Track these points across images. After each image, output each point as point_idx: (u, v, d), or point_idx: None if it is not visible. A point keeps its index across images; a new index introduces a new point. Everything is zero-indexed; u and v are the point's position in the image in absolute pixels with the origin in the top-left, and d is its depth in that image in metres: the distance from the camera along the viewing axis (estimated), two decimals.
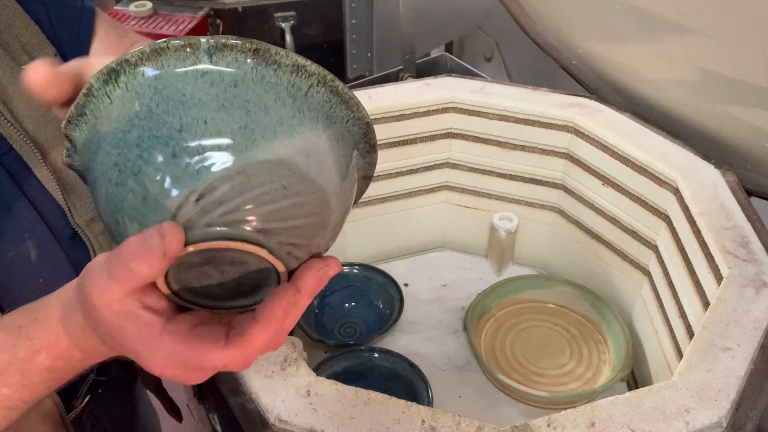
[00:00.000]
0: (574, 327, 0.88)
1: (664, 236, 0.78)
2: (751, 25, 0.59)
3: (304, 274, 0.36)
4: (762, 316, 0.59)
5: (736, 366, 0.55)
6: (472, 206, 0.99)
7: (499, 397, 0.80)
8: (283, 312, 0.35)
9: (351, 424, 0.52)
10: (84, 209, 0.62)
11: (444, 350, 0.86)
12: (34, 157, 0.58)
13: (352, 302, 0.92)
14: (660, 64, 0.77)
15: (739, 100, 0.71)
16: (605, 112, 0.86)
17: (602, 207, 0.87)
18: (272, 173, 0.33)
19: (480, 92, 0.90)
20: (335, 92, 0.36)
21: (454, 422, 0.52)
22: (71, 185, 0.62)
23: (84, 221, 0.62)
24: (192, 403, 0.72)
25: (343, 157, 0.37)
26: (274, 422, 0.52)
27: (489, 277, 0.98)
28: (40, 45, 0.61)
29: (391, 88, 0.91)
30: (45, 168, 0.59)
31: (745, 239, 0.66)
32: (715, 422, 0.51)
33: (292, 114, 0.34)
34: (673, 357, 0.73)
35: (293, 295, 0.36)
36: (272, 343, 0.36)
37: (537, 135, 0.89)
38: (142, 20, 1.30)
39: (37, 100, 0.37)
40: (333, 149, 0.36)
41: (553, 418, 0.52)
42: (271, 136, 0.33)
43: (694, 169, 0.76)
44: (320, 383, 0.55)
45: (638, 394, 0.53)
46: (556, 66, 1.00)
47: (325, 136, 0.36)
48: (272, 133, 0.33)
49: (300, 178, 0.34)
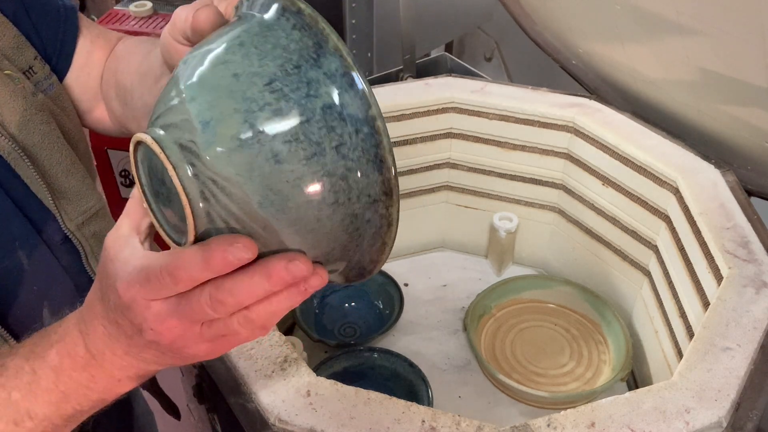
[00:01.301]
0: (574, 327, 0.88)
1: (664, 236, 0.78)
2: (751, 25, 0.59)
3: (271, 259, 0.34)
4: (762, 316, 0.59)
5: (736, 366, 0.55)
6: (472, 206, 0.99)
7: (499, 397, 0.81)
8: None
9: (351, 424, 0.52)
10: (74, 213, 0.62)
11: (444, 350, 0.86)
12: (22, 163, 0.57)
13: (352, 302, 0.92)
14: (660, 64, 0.77)
15: (739, 100, 0.71)
16: (605, 112, 0.86)
17: (602, 207, 0.87)
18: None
19: (480, 92, 0.90)
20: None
21: (454, 422, 0.52)
22: (61, 189, 0.61)
23: (75, 225, 0.61)
24: (192, 403, 0.72)
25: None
26: (274, 422, 0.52)
27: (489, 277, 0.98)
28: (19, 48, 0.60)
29: (391, 88, 0.91)
30: (34, 173, 0.58)
31: (745, 239, 0.66)
32: (715, 422, 0.51)
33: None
34: (673, 357, 0.73)
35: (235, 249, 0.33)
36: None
37: (537, 135, 0.89)
38: (142, 20, 1.30)
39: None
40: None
41: (553, 418, 0.52)
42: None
43: (694, 169, 0.76)
44: (320, 383, 0.55)
45: (638, 394, 0.53)
46: (556, 66, 1.00)
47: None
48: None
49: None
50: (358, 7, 1.38)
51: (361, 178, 0.34)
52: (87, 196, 0.63)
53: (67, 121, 0.64)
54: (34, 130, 0.59)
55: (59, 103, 0.64)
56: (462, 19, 1.57)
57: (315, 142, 0.33)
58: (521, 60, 1.61)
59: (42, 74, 0.62)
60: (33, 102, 0.59)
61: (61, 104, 0.64)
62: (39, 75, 0.61)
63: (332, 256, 0.37)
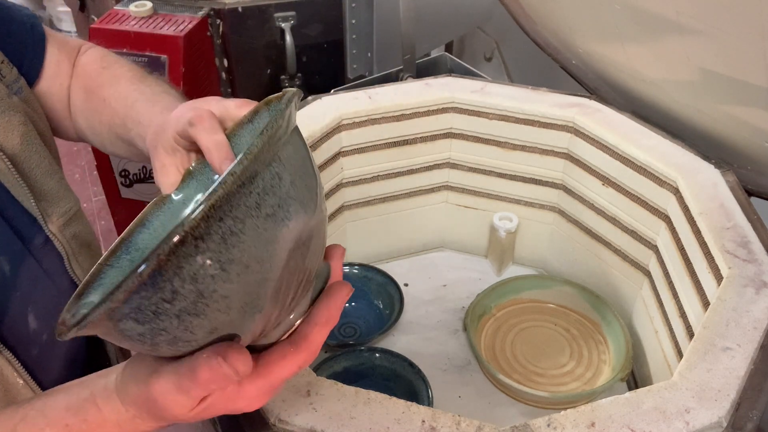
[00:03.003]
0: (574, 327, 0.88)
1: (664, 236, 0.78)
2: (751, 25, 0.59)
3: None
4: (762, 316, 0.59)
5: (736, 366, 0.55)
6: (472, 206, 0.99)
7: (499, 397, 0.80)
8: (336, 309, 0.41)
9: (351, 424, 0.52)
10: (55, 215, 0.61)
11: (444, 350, 0.86)
12: (3, 165, 0.56)
13: (352, 302, 0.92)
14: (660, 64, 0.77)
15: (739, 100, 0.71)
16: (605, 112, 0.86)
17: (602, 207, 0.87)
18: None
19: (480, 92, 0.90)
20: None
21: (454, 422, 0.52)
22: (42, 192, 0.60)
23: (56, 227, 0.61)
24: None
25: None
26: (274, 422, 0.52)
27: (489, 277, 0.98)
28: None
29: (391, 88, 0.91)
30: (16, 175, 0.57)
31: (745, 239, 0.66)
32: (715, 422, 0.51)
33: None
34: (673, 357, 0.73)
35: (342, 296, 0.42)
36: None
37: (537, 135, 0.89)
38: (142, 20, 1.30)
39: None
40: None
41: (553, 418, 0.52)
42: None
43: (694, 169, 0.76)
44: (320, 383, 0.55)
45: (638, 394, 0.53)
46: (556, 66, 1.00)
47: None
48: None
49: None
50: (358, 7, 1.38)
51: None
52: (66, 197, 0.63)
53: (40, 123, 0.64)
54: (13, 131, 0.58)
55: (31, 105, 0.63)
56: (462, 19, 1.57)
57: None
58: (521, 60, 1.61)
59: (11, 77, 0.61)
60: (9, 104, 0.59)
61: (33, 106, 0.64)
62: (8, 78, 0.61)
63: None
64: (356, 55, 1.44)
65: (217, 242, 0.32)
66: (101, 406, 0.42)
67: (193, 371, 0.37)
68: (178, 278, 0.32)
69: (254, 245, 0.34)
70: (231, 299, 0.34)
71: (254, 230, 0.34)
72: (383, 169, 0.93)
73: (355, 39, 1.42)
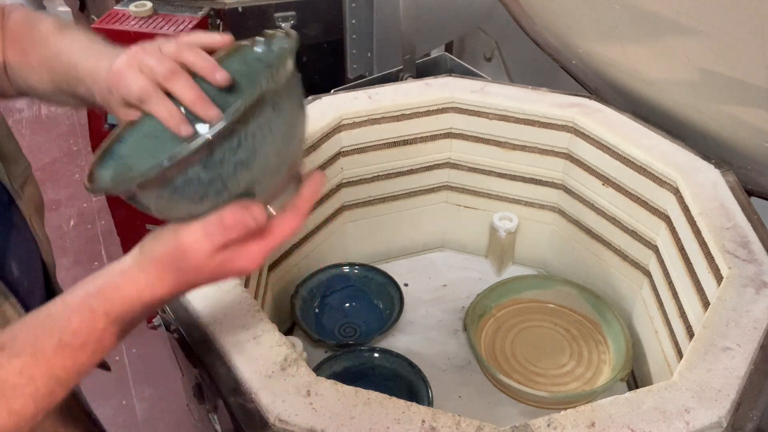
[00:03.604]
0: (574, 327, 0.88)
1: (664, 236, 0.78)
2: (751, 25, 0.59)
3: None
4: (762, 316, 0.59)
5: (736, 366, 0.55)
6: (472, 206, 0.99)
7: (499, 397, 0.80)
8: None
9: (351, 424, 0.52)
10: (16, 174, 0.63)
11: (444, 350, 0.86)
12: None
13: (352, 302, 0.92)
14: (660, 64, 0.77)
15: (739, 100, 0.71)
16: (605, 112, 0.86)
17: (602, 207, 0.87)
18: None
19: (480, 92, 0.90)
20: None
21: (454, 422, 0.52)
22: (3, 152, 0.62)
23: (18, 185, 0.63)
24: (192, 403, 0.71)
25: None
26: (274, 422, 0.52)
27: (489, 277, 0.98)
28: None
29: (391, 88, 0.91)
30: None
31: (745, 239, 0.66)
32: (715, 422, 0.51)
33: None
34: (673, 357, 0.73)
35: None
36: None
37: (537, 135, 0.89)
38: (142, 20, 1.29)
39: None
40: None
41: (553, 418, 0.52)
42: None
43: (694, 169, 0.76)
44: (320, 383, 0.55)
45: (638, 394, 0.53)
46: (556, 66, 1.00)
47: None
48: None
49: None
50: (358, 7, 1.38)
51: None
52: (22, 158, 0.66)
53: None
54: None
55: None
56: (462, 19, 1.57)
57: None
58: (521, 60, 1.61)
59: None
60: None
61: None
62: None
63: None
64: (356, 55, 1.44)
65: (269, 111, 0.43)
66: (119, 282, 0.46)
67: (220, 217, 0.43)
68: (245, 131, 0.42)
69: (291, 120, 0.46)
70: (269, 159, 0.44)
71: (291, 110, 0.46)
72: (383, 169, 0.93)
73: (355, 39, 1.42)
